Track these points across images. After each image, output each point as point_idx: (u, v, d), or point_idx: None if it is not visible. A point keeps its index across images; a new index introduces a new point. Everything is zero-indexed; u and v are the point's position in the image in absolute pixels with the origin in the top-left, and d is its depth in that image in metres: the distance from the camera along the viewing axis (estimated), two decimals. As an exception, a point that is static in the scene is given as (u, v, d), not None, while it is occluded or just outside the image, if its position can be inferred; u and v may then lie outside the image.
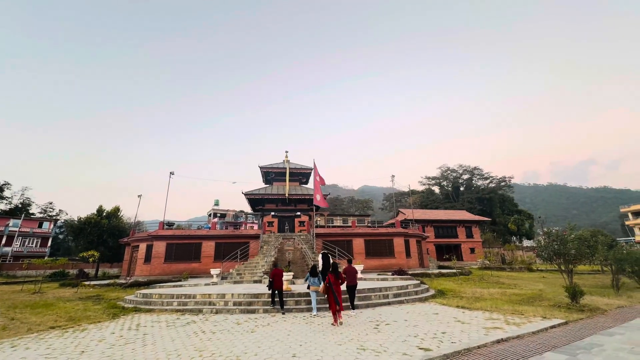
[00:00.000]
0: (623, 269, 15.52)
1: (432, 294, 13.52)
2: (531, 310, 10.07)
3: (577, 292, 10.61)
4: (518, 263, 30.89)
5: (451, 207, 57.50)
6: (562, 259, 11.92)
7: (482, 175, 67.60)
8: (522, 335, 7.16)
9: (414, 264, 25.28)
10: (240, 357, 5.79)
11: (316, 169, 22.35)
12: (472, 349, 6.13)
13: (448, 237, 40.03)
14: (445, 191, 69.55)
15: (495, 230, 57.16)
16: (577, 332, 7.55)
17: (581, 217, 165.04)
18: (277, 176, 28.94)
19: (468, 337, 6.93)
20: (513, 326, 7.91)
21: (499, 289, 15.49)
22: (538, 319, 8.75)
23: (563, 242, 12.01)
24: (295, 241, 20.64)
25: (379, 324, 8.34)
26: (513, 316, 9.17)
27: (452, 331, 7.47)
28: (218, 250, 22.83)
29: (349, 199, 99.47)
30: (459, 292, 14.18)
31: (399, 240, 24.73)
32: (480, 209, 58.63)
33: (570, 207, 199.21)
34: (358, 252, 23.99)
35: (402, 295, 12.48)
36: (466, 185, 68.83)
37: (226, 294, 11.61)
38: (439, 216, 41.62)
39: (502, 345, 6.50)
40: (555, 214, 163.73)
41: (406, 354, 5.80)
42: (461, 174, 69.34)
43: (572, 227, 13.40)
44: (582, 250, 11.87)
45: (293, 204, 27.52)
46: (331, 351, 6.01)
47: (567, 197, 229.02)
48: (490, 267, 29.87)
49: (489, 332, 7.28)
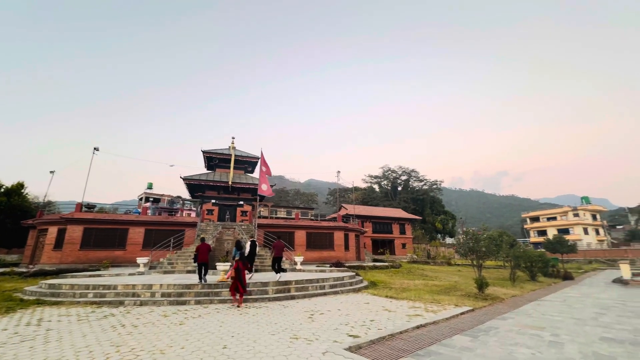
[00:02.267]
0: (519, 264, 18.51)
1: (365, 285, 14.37)
2: (447, 299, 11.37)
3: (483, 284, 12.32)
4: (440, 258, 34.62)
5: (389, 205, 61.58)
6: (475, 254, 13.73)
7: (418, 177, 73.68)
8: (438, 321, 8.05)
9: (352, 257, 26.55)
10: (164, 350, 5.42)
11: (263, 159, 21.85)
12: (395, 335, 6.69)
13: (384, 232, 42.87)
14: (385, 190, 74.15)
15: (425, 228, 63.07)
16: (480, 317, 8.76)
17: (493, 219, 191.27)
18: (221, 162, 27.57)
19: (393, 324, 7.54)
20: (431, 313, 8.85)
21: (422, 281, 17.16)
22: (451, 307, 9.92)
23: (477, 240, 13.83)
24: (235, 231, 19.99)
25: (314, 314, 8.58)
26: (432, 305, 10.25)
27: (379, 319, 8.05)
28: (148, 237, 20.93)
29: (295, 191, 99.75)
30: (389, 284, 15.33)
31: (339, 234, 25.69)
32: (414, 208, 63.98)
33: (485, 211, 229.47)
34: (299, 244, 24.27)
35: (337, 286, 13.02)
36: (404, 185, 74.31)
37: (154, 285, 10.74)
38: (377, 213, 44.26)
39: (421, 330, 7.22)
40: (474, 216, 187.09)
41: (336, 341, 6.07)
42: (400, 175, 74.59)
43: (485, 228, 15.50)
44: (490, 248, 13.84)
45: (236, 192, 26.55)
46: (264, 341, 5.99)
47: (484, 202, 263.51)
48: (417, 261, 32.94)
49: (410, 319, 8.02)
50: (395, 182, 74.63)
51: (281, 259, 13.15)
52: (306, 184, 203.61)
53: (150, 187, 50.21)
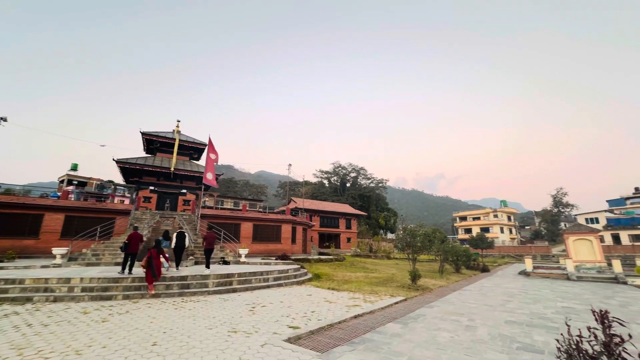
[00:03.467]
0: (447, 258, 20.58)
1: (309, 278, 14.63)
2: (384, 290, 12.16)
3: (416, 276, 13.44)
4: (381, 252, 36.82)
5: (337, 200, 63.39)
6: (411, 249, 14.89)
7: (366, 175, 77.02)
8: (374, 311, 8.57)
9: (298, 250, 26.77)
10: (81, 351, 4.85)
11: (211, 146, 20.69)
12: (334, 325, 6.94)
13: (331, 227, 44.04)
14: (334, 185, 76.01)
15: (369, 223, 66.37)
16: (411, 306, 9.55)
17: (429, 217, 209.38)
18: (163, 147, 25.39)
19: (333, 314, 7.82)
20: (369, 304, 9.37)
21: (363, 273, 18.08)
22: (387, 297, 10.64)
23: (413, 236, 15.01)
24: (175, 221, 18.67)
25: (255, 306, 8.47)
26: (370, 295, 10.86)
27: (320, 310, 8.28)
28: (69, 225, 18.41)
29: (244, 182, 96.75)
30: (332, 276, 15.83)
31: (287, 227, 25.67)
32: (360, 205, 66.81)
33: (423, 210, 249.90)
34: (245, 236, 23.67)
35: (282, 279, 13.03)
36: (352, 182, 77.04)
37: (73, 279, 9.51)
38: (325, 207, 45.23)
39: (358, 319, 7.60)
40: (413, 214, 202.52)
41: (276, 332, 6.08)
42: (350, 172, 77.12)
43: (421, 225, 16.88)
44: (424, 244, 15.13)
45: (179, 180, 24.76)
46: (199, 336, 5.73)
47: (423, 201, 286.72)
48: (360, 255, 34.57)
49: (349, 310, 8.40)
50: (345, 179, 76.98)
51: (212, 251, 12.95)
52: (257, 176, 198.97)
53: (75, 169, 44.18)
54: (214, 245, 13.21)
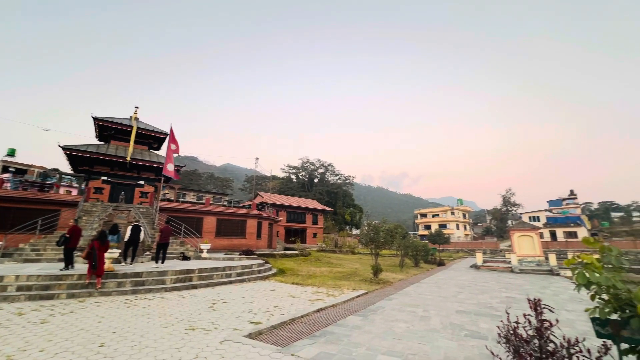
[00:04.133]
0: (407, 253, 21.58)
1: (273, 273, 14.55)
2: (347, 284, 12.45)
3: (378, 270, 13.94)
4: (346, 247, 37.58)
5: (304, 195, 63.52)
6: (374, 244, 15.40)
7: (334, 172, 77.95)
8: (336, 305, 8.75)
9: (263, 245, 26.46)
10: (13, 356, 4.38)
11: (173, 136, 19.59)
12: (296, 319, 6.98)
13: (298, 222, 44.06)
14: (302, 181, 76.01)
15: (335, 219, 67.43)
16: (372, 299, 9.90)
17: (393, 214, 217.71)
18: (119, 134, 23.54)
19: (295, 309, 7.85)
20: (331, 297, 9.55)
21: (328, 268, 18.35)
22: (350, 291, 10.92)
23: (377, 232, 15.53)
24: (130, 214, 17.47)
25: (216, 303, 8.25)
26: (333, 290, 11.07)
27: (283, 305, 8.27)
28: (3, 217, 16.47)
29: (209, 175, 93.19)
30: (297, 271, 15.88)
31: (253, 221, 25.23)
32: (327, 201, 67.58)
33: (387, 206, 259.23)
34: (208, 231, 22.88)
35: (245, 274, 12.81)
36: (320, 178, 77.58)
37: (6, 276, 8.53)
38: (292, 203, 45.13)
39: (320, 313, 7.72)
40: (378, 211, 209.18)
41: (237, 329, 5.98)
42: (318, 168, 77.53)
43: (384, 221, 17.51)
44: (387, 239, 15.73)
45: (136, 170, 23.17)
46: (154, 335, 5.45)
47: (387, 198, 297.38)
48: (325, 250, 35.01)
49: (312, 304, 8.49)
50: (313, 174, 77.27)
51: (167, 246, 12.61)
52: (222, 169, 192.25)
53: (12, 154, 39.48)
54: (170, 240, 12.92)
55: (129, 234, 12.14)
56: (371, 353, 4.97)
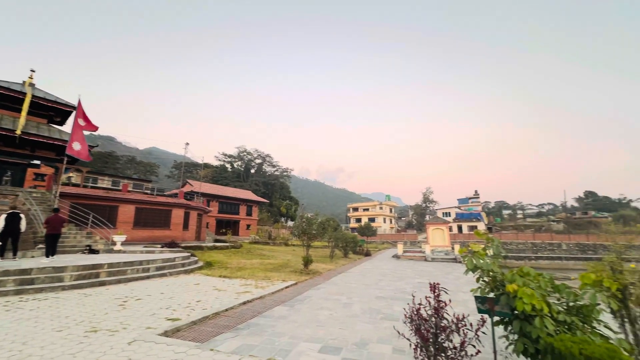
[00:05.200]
0: (338, 244, 22.63)
1: (199, 266, 13.76)
2: (277, 275, 12.49)
3: (308, 261, 14.31)
4: (280, 239, 37.64)
5: (240, 186, 61.30)
6: (306, 236, 15.74)
7: (272, 163, 76.95)
8: (264, 296, 8.71)
9: (191, 236, 24.76)
10: None
11: (81, 109, 16.77)
12: (220, 313, 6.73)
13: (230, 213, 42.33)
14: (238, 170, 73.13)
15: (271, 211, 66.81)
16: (301, 289, 10.13)
17: (328, 207, 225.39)
18: (5, 101, 19.12)
19: (220, 302, 7.56)
20: (260, 289, 9.47)
21: (259, 260, 18.13)
22: (279, 282, 10.98)
23: (310, 224, 15.89)
24: (17, 199, 14.47)
25: (128, 300, 7.44)
26: (263, 281, 10.99)
27: (207, 299, 7.89)
28: None
29: (129, 158, 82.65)
30: (226, 263, 15.30)
31: (179, 211, 23.34)
32: (264, 192, 66.48)
33: (323, 200, 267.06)
34: (125, 221, 20.38)
35: (166, 268, 11.83)
36: (257, 168, 75.73)
37: None
38: (226, 193, 43.12)
39: (247, 305, 7.59)
40: (314, 204, 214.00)
41: (150, 327, 5.49)
42: (255, 158, 75.51)
43: (317, 213, 18.03)
44: (319, 231, 16.23)
45: (29, 147, 19.19)
46: (41, 341, 4.65)
47: (323, 192, 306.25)
48: (258, 242, 34.49)
49: (239, 297, 8.30)
50: (250, 165, 74.99)
51: (58, 238, 11.27)
52: (146, 152, 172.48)
53: None
54: (61, 231, 11.41)
55: (3, 224, 10.07)
56: (293, 341, 5.10)
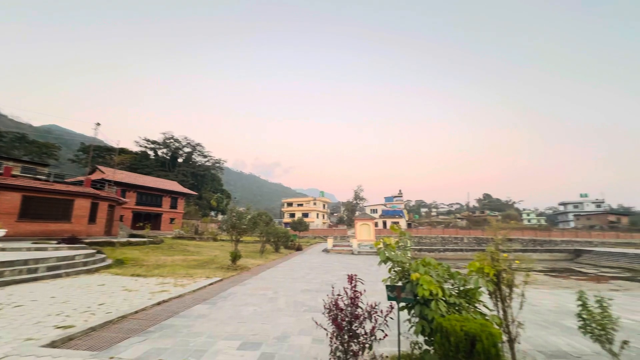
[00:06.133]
0: (269, 239, 22.41)
1: (107, 264, 12.11)
2: (201, 272, 11.76)
3: (236, 256, 13.84)
4: (208, 234, 35.53)
5: (164, 176, 55.75)
6: (235, 231, 15.17)
7: (203, 153, 71.84)
8: (184, 295, 8.11)
9: (98, 231, 21.58)
10: None
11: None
12: (128, 316, 6.02)
13: (152, 205, 38.24)
14: (163, 159, 66.38)
15: (200, 204, 62.53)
16: (225, 285, 9.72)
17: (263, 202, 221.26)
18: None
19: (129, 304, 6.78)
20: (180, 288, 8.78)
21: (182, 256, 16.82)
22: (202, 279, 10.36)
23: (240, 218, 15.35)
24: None
25: (3, 308, 6.11)
26: (184, 279, 10.22)
27: (113, 301, 6.99)
28: None
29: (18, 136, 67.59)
30: (142, 261, 13.79)
31: (84, 202, 20.09)
32: (192, 183, 61.80)
33: (258, 194, 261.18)
34: (6, 212, 16.67)
35: (62, 268, 10.08)
36: (186, 158, 69.86)
37: None
38: (146, 182, 38.73)
39: (162, 306, 6.96)
40: (248, 198, 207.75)
41: (32, 338, 4.61)
42: (184, 146, 69.49)
43: (249, 207, 17.52)
44: (249, 226, 15.80)
45: None
46: None
47: (259, 186, 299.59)
48: (184, 237, 32.00)
49: (154, 296, 7.55)
50: (177, 153, 68.75)
51: None
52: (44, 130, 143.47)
53: None
54: None
55: None
56: (211, 340, 4.86)
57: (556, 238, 48.97)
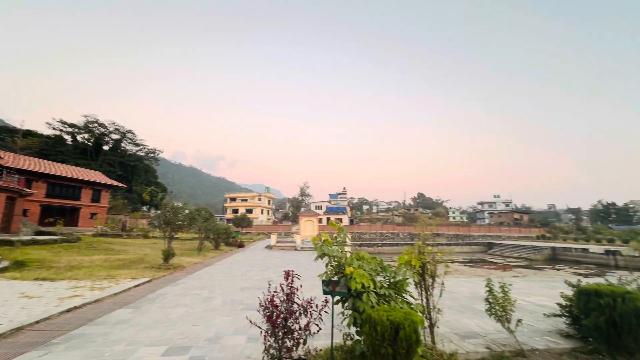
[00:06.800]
0: (208, 236, 21.25)
1: (2, 267, 10.15)
2: (126, 273, 10.60)
3: (169, 254, 12.80)
4: (138, 230, 32.26)
5: (86, 165, 48.75)
6: (169, 227, 13.98)
7: (134, 141, 64.63)
8: (102, 299, 7.20)
9: (-8, 228, 17.96)
10: None
11: None
12: (25, 327, 5.12)
13: (67, 198, 33.14)
14: (84, 145, 57.98)
15: (130, 197, 56.32)
16: (154, 287, 8.91)
17: (204, 196, 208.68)
18: None
19: (28, 313, 5.77)
20: (97, 292, 7.78)
21: (104, 256, 14.97)
22: (127, 280, 9.33)
23: (175, 213, 14.19)
24: None
25: None
26: (104, 282, 9.08)
27: (6, 311, 5.89)
28: None
29: None
30: (50, 262, 11.87)
31: (-28, 192, 16.49)
32: (120, 175, 55.31)
33: (198, 188, 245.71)
34: None
35: None
36: (113, 146, 62.12)
37: None
38: (60, 172, 33.39)
39: (73, 313, 6.08)
40: (187, 192, 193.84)
41: None
42: (111, 132, 61.62)
43: (186, 202, 16.33)
44: (186, 221, 14.72)
45: None
46: None
47: (200, 179, 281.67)
48: (107, 234, 28.53)
49: (62, 303, 6.56)
50: (102, 140, 60.73)
51: None
52: None
53: None
54: None
55: None
56: (131, 348, 4.39)
57: (474, 233, 55.95)
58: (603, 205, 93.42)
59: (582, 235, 47.75)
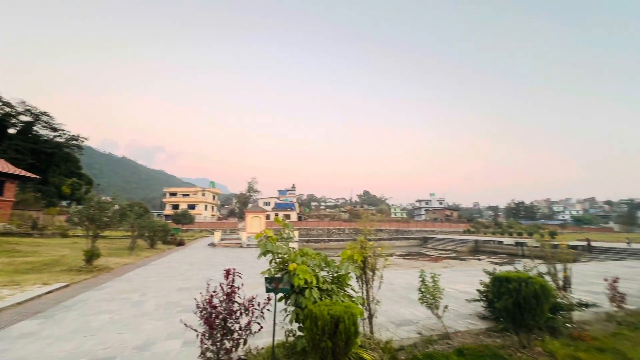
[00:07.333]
0: (143, 234, 19.40)
1: None
2: (36, 278, 9.13)
3: (93, 255, 11.36)
4: (54, 228, 28.04)
5: (-17, 150, 40.53)
6: (94, 224, 12.36)
7: (51, 124, 55.66)
8: (1, 310, 6.09)
9: None
10: None
11: None
12: None
13: (-45, 189, 27.21)
14: (-19, 126, 48.05)
15: (44, 190, 48.43)
16: (73, 292, 7.82)
17: (139, 190, 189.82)
18: None
19: None
20: (-6, 301, 6.54)
21: (7, 259, 12.68)
22: (37, 286, 8.03)
23: (102, 209, 12.59)
24: None
25: None
26: (4, 289, 7.68)
27: None
28: None
29: None
30: None
31: None
32: (31, 163, 47.24)
33: (132, 181, 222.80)
34: None
35: None
36: (23, 129, 52.68)
37: None
38: (-52, 157, 27.26)
39: (-43, 329, 5.00)
40: (118, 185, 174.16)
41: None
42: (19, 113, 52.14)
43: (116, 196, 14.63)
44: (115, 218, 13.19)
45: None
46: None
47: (134, 172, 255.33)
48: (12, 233, 24.22)
49: (-58, 317, 5.36)
50: (7, 121, 51.11)
51: None
52: None
53: None
54: None
55: None
56: (37, 365, 3.77)
57: (412, 228, 60.71)
58: (515, 204, 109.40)
59: (498, 230, 55.15)
